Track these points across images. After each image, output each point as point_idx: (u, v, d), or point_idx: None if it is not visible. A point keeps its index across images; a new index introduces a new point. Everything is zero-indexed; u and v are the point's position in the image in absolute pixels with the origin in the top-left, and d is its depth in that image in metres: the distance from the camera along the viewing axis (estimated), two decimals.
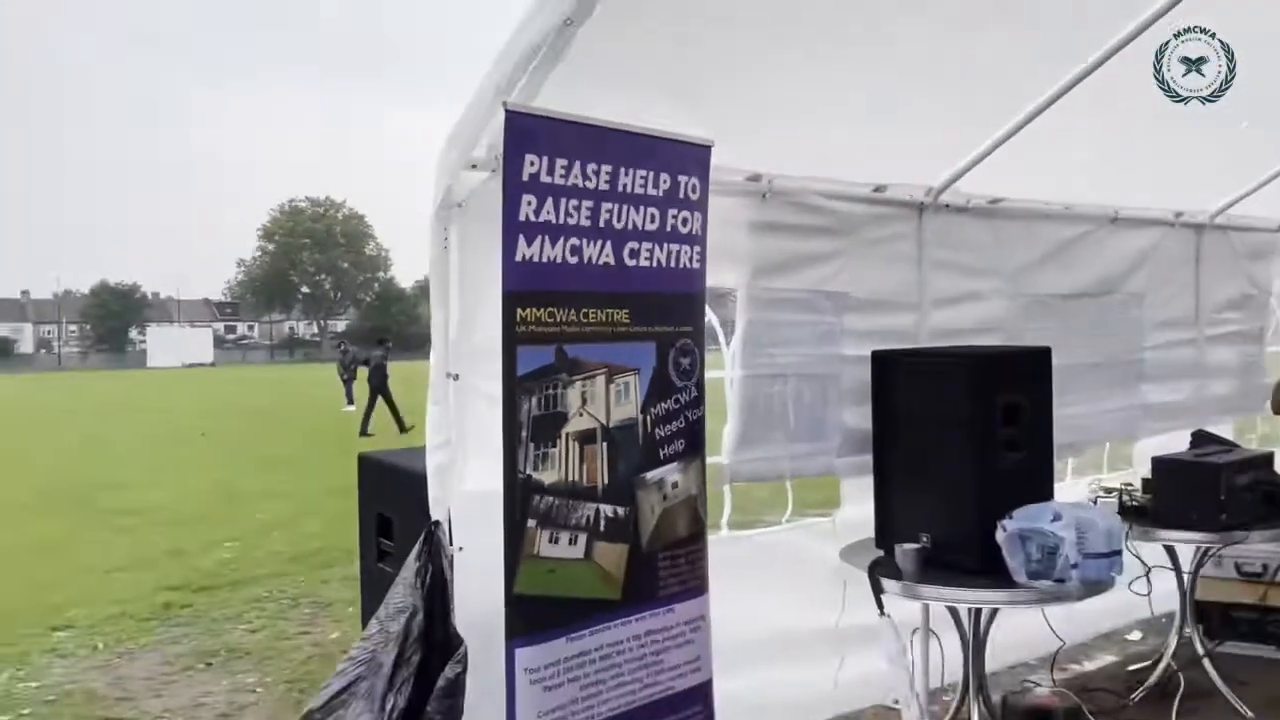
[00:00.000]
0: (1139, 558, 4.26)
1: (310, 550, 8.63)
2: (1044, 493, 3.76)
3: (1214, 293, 5.69)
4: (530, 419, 2.83)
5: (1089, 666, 5.04)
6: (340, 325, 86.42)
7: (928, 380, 3.76)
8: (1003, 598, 3.49)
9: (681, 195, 3.21)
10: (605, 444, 3.03)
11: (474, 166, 3.08)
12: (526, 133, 2.78)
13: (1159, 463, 4.51)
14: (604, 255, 3.00)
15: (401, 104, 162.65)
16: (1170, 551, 4.57)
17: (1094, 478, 5.42)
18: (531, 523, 2.84)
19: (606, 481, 3.03)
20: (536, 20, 2.68)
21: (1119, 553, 3.52)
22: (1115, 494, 4.56)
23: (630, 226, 3.07)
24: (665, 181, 3.15)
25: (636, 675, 3.13)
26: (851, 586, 3.85)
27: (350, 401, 25.90)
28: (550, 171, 2.83)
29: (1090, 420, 5.04)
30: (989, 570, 3.49)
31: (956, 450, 3.64)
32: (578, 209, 2.91)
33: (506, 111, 2.74)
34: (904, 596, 3.60)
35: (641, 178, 3.08)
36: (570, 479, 2.93)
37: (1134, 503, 4.49)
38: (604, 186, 2.97)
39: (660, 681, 3.20)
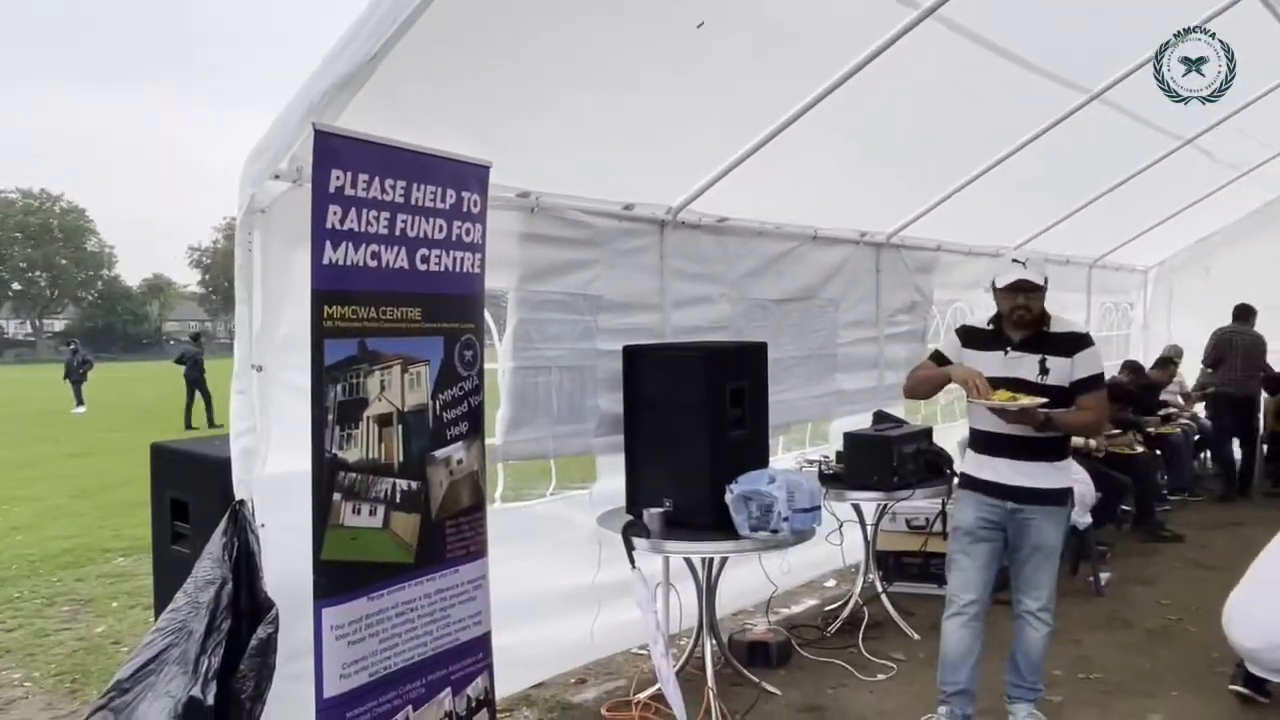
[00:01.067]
0: (834, 515, 5.21)
1: (57, 551, 8.20)
2: (762, 462, 4.58)
3: (890, 299, 6.87)
4: (336, 404, 3.18)
5: (796, 609, 5.99)
6: (58, 325, 77.49)
7: (670, 370, 4.44)
8: (730, 547, 4.25)
9: (465, 209, 3.65)
10: (400, 426, 3.41)
11: (276, 177, 3.38)
12: (333, 150, 3.12)
13: (848, 437, 5.53)
14: (399, 260, 3.39)
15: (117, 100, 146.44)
16: (857, 509, 5.58)
17: (799, 451, 6.43)
18: (337, 496, 3.18)
19: (402, 459, 3.41)
20: (347, 52, 3.05)
21: (819, 508, 4.38)
22: (816, 464, 5.53)
23: (422, 235, 3.47)
24: (451, 196, 3.58)
25: (428, 629, 3.54)
26: (606, 548, 4.48)
27: (81, 403, 23.76)
28: (353, 185, 3.18)
29: (797, 403, 6.00)
30: (720, 526, 4.24)
31: (693, 429, 4.35)
32: (377, 219, 3.28)
33: (316, 131, 3.06)
34: (652, 552, 4.27)
35: (431, 192, 3.49)
36: (370, 457, 3.29)
37: (830, 470, 5.47)
38: (399, 199, 3.36)
39: (448, 633, 3.62)
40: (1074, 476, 6.17)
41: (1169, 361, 9.96)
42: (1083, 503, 6.19)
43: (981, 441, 4.00)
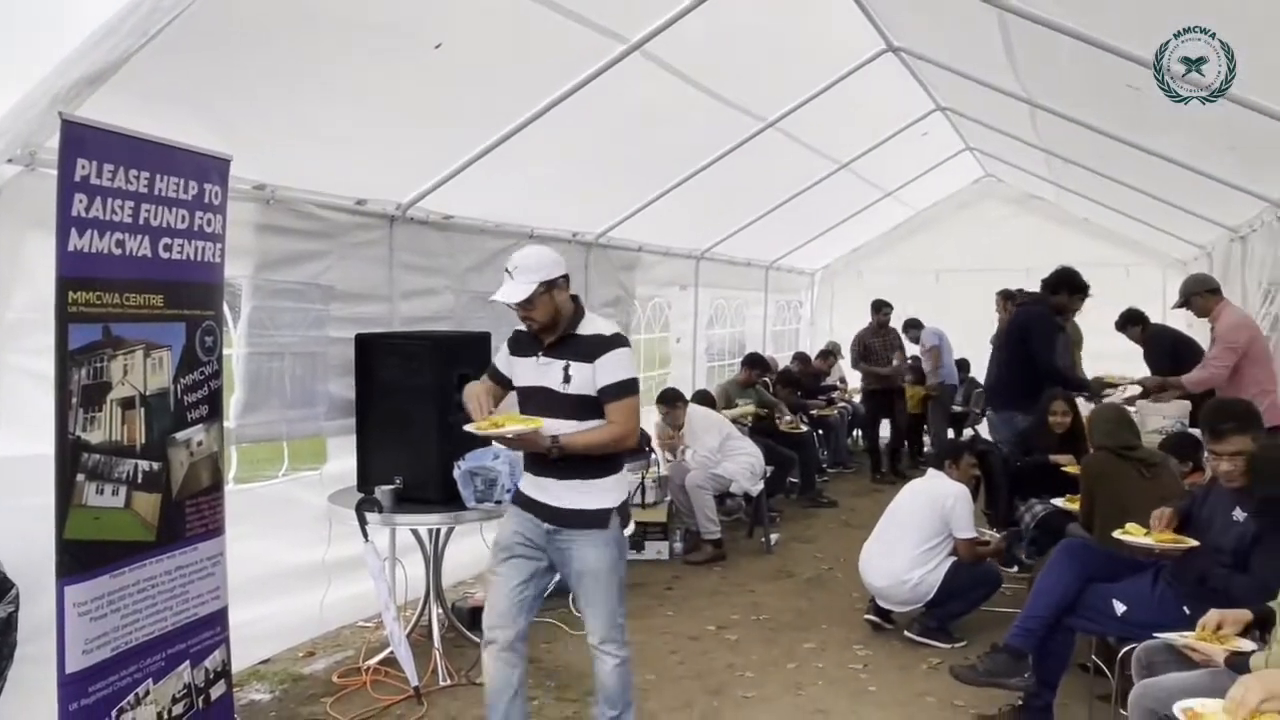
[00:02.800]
0: None
1: None
2: (486, 441, 5.00)
3: (598, 294, 7.55)
4: (80, 387, 3.26)
5: None
6: None
7: (402, 357, 4.78)
8: (457, 518, 4.67)
9: (206, 200, 3.79)
10: (143, 409, 3.52)
11: (10, 161, 3.38)
12: (79, 140, 3.20)
13: None
14: (143, 248, 3.49)
15: None
16: None
17: None
18: (80, 477, 3.26)
19: (144, 441, 3.52)
20: (103, 47, 3.13)
21: None
22: None
23: (165, 224, 3.59)
24: (194, 188, 3.71)
25: (168, 604, 3.67)
26: (336, 526, 4.74)
27: None
28: (99, 175, 3.26)
29: None
30: (448, 500, 4.65)
31: (423, 411, 4.72)
32: (121, 208, 3.37)
33: (63, 121, 3.13)
34: (383, 525, 4.60)
35: (175, 183, 3.61)
36: (114, 439, 3.39)
37: None
38: (144, 190, 3.46)
39: (188, 608, 3.77)
40: (744, 451, 7.21)
41: (829, 354, 11.52)
42: (754, 473, 7.19)
43: (528, 457, 3.57)
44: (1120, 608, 3.81)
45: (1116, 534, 3.87)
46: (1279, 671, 2.44)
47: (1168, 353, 7.15)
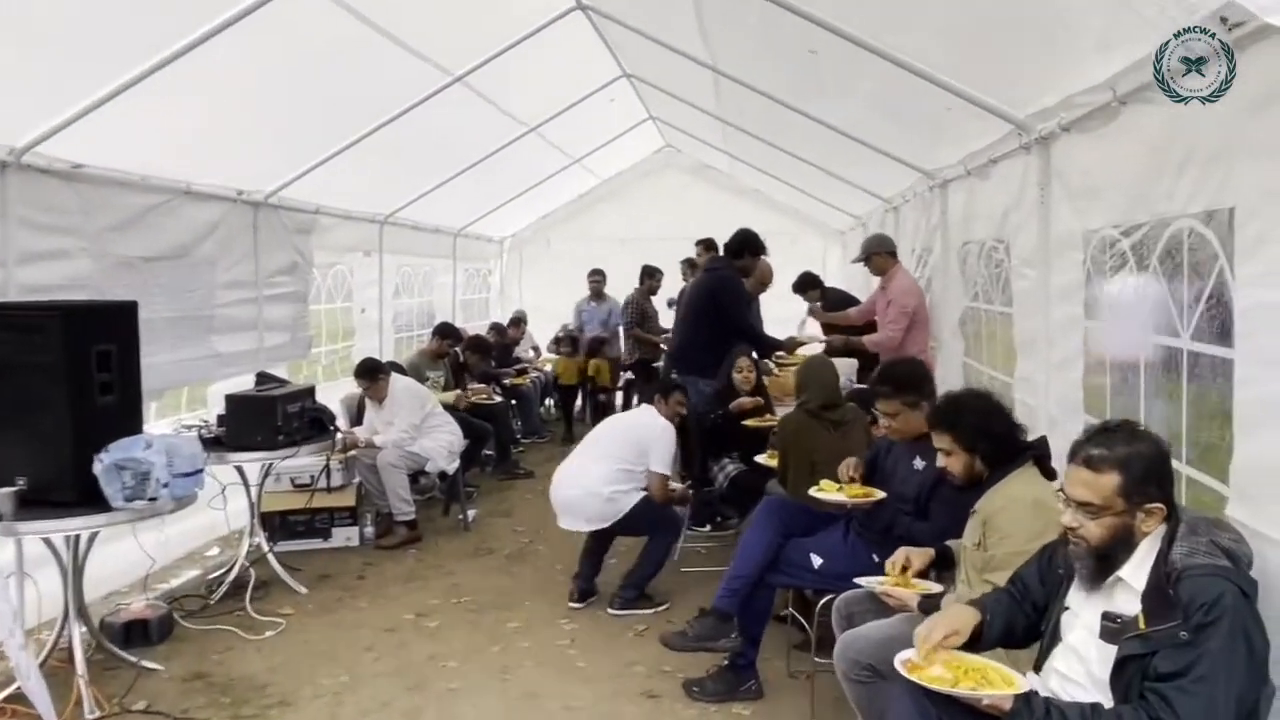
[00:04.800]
0: (217, 480, 5.10)
1: None
2: (135, 429, 4.29)
3: (270, 260, 6.82)
4: None
5: (175, 582, 5.73)
6: None
7: (20, 332, 3.94)
8: (101, 521, 3.96)
9: None
10: None
11: None
12: None
13: (230, 399, 5.44)
14: None
15: None
16: (240, 471, 5.52)
17: (175, 417, 6.12)
18: None
19: None
20: None
21: (201, 471, 4.28)
22: (195, 429, 5.33)
23: None
24: None
25: None
26: None
27: None
28: None
29: (170, 368, 5.68)
30: (88, 501, 3.92)
31: (53, 396, 3.94)
32: None
33: None
34: (4, 536, 3.80)
35: None
36: None
37: (211, 434, 5.32)
38: None
39: None
40: (444, 428, 6.87)
41: (519, 321, 11.34)
42: (452, 451, 6.87)
43: None
44: (817, 561, 3.93)
45: (811, 491, 3.98)
46: (960, 607, 2.54)
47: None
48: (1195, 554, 2.10)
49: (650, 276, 10.19)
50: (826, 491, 3.94)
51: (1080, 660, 2.26)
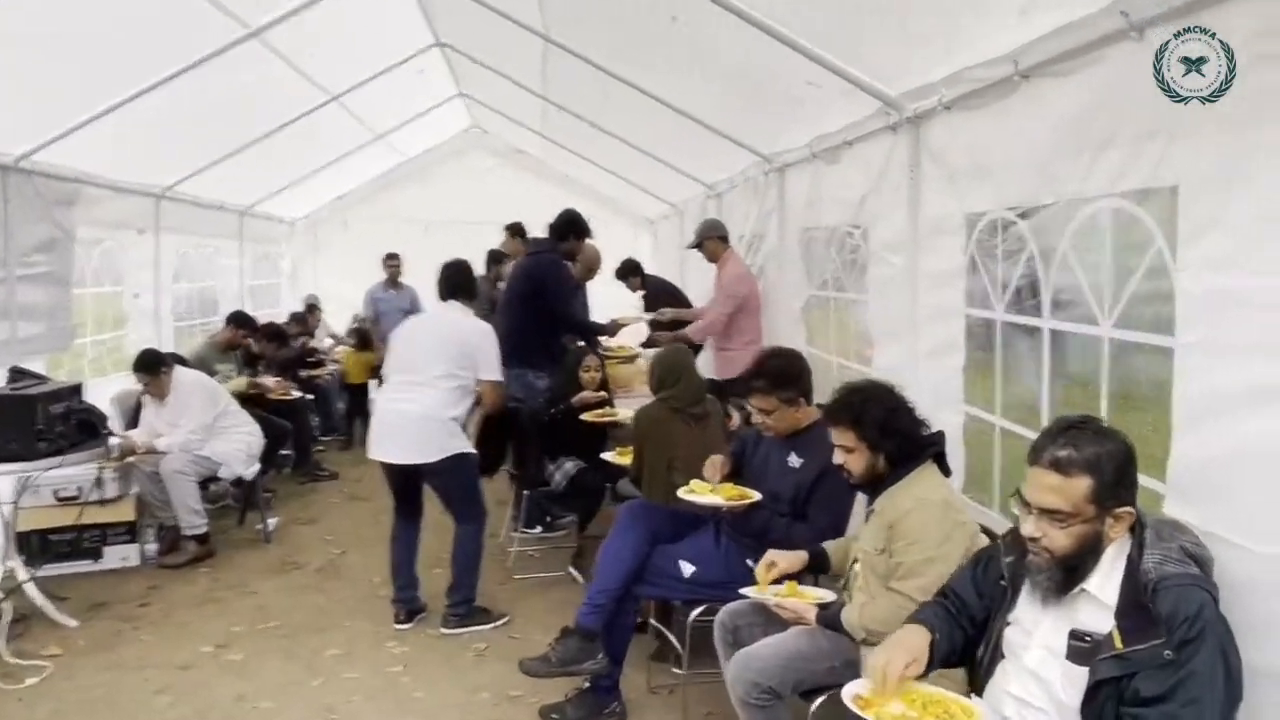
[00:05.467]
0: None
1: None
2: None
3: (22, 236, 5.78)
4: None
5: None
6: None
7: None
8: None
9: None
10: None
11: None
12: None
13: None
14: None
15: None
16: None
17: None
18: None
19: None
20: None
21: None
22: None
23: None
24: None
25: None
26: None
27: None
28: None
29: None
30: None
31: None
32: None
33: None
34: None
35: None
36: None
37: None
38: None
39: None
40: (241, 428, 6.10)
41: (314, 308, 10.46)
42: (251, 454, 6.11)
43: None
44: (688, 569, 3.63)
45: (682, 493, 3.66)
46: (911, 629, 2.27)
47: (664, 303, 7.46)
48: (1168, 562, 1.92)
49: (497, 263, 8.96)
50: (698, 493, 3.63)
51: (1039, 683, 2.04)
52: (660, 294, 7.61)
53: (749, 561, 3.59)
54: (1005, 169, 3.05)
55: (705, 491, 3.62)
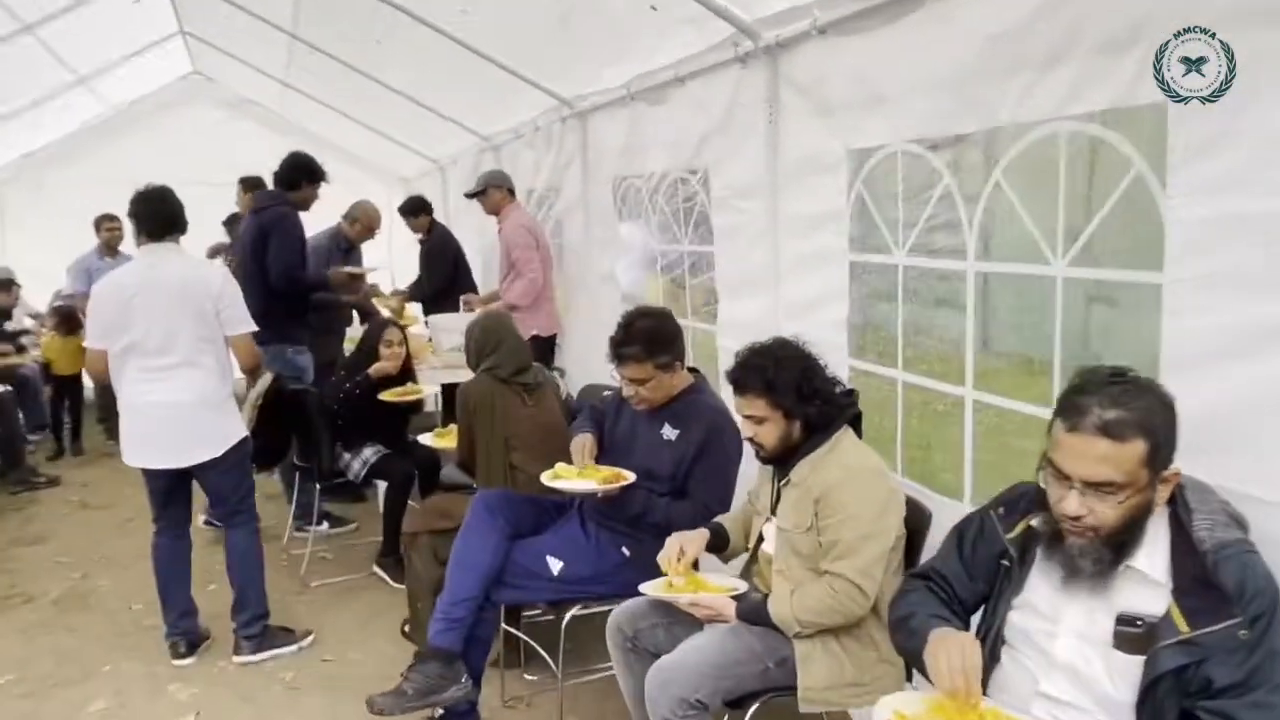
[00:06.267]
0: None
1: None
2: None
3: None
4: None
5: None
6: None
7: None
8: None
9: None
10: None
11: None
12: None
13: None
14: None
15: None
16: None
17: None
18: None
19: None
20: None
21: None
22: None
23: None
24: None
25: None
26: None
27: None
28: None
29: None
30: None
31: None
32: None
33: None
34: None
35: None
36: None
37: None
38: None
39: None
40: None
41: (11, 283, 8.76)
42: None
43: None
44: (555, 565, 3.14)
45: (547, 480, 3.15)
46: (960, 636, 1.84)
47: (451, 261, 6.82)
48: (1218, 527, 1.69)
49: (236, 225, 7.50)
50: (565, 478, 3.13)
51: (1076, 679, 1.76)
52: (447, 255, 6.90)
53: (624, 550, 3.19)
54: (907, 96, 2.76)
55: (573, 476, 3.13)
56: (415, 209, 6.94)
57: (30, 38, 6.67)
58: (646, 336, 3.09)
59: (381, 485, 4.91)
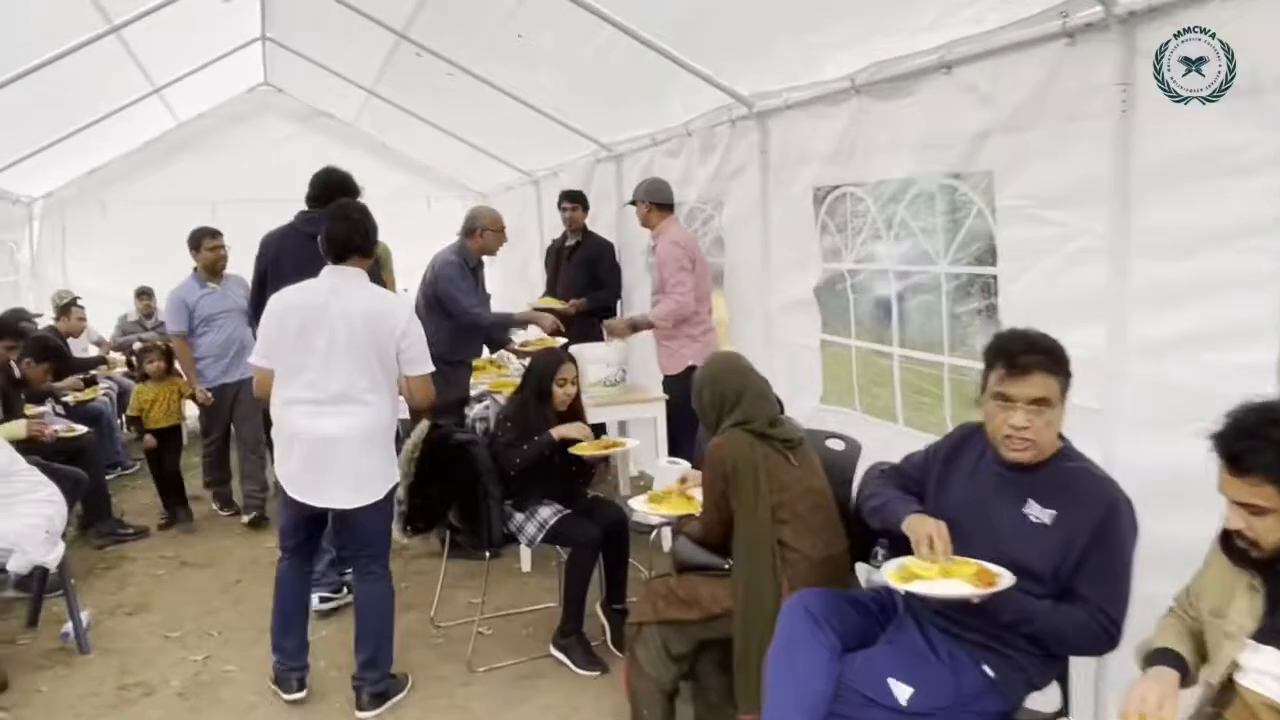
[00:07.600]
0: None
1: None
2: None
3: None
4: None
5: None
6: None
7: None
8: None
9: None
10: None
11: None
12: None
13: None
14: None
15: None
16: None
17: None
18: None
19: None
20: None
21: None
22: None
23: None
24: None
25: None
26: None
27: None
28: None
29: None
30: None
31: None
32: None
33: None
34: None
35: None
36: None
37: None
38: None
39: None
40: (37, 494, 4.19)
41: (72, 307, 8.06)
42: (53, 531, 4.16)
43: None
44: (903, 692, 2.36)
45: (894, 580, 2.37)
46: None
47: (590, 273, 6.17)
48: None
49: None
50: (926, 578, 2.35)
51: None
52: (588, 266, 6.29)
53: (984, 669, 2.41)
54: None
55: (934, 574, 2.36)
56: (584, 201, 6.34)
57: (115, 42, 6.02)
58: (1051, 346, 2.36)
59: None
